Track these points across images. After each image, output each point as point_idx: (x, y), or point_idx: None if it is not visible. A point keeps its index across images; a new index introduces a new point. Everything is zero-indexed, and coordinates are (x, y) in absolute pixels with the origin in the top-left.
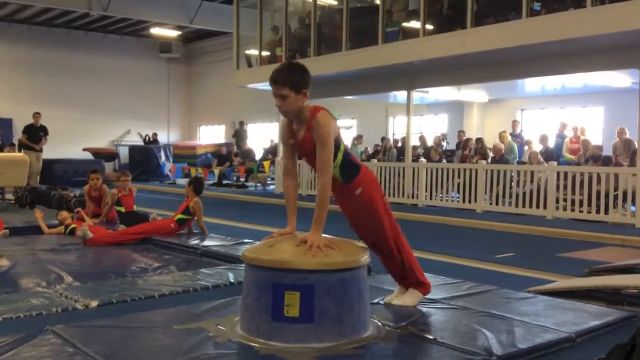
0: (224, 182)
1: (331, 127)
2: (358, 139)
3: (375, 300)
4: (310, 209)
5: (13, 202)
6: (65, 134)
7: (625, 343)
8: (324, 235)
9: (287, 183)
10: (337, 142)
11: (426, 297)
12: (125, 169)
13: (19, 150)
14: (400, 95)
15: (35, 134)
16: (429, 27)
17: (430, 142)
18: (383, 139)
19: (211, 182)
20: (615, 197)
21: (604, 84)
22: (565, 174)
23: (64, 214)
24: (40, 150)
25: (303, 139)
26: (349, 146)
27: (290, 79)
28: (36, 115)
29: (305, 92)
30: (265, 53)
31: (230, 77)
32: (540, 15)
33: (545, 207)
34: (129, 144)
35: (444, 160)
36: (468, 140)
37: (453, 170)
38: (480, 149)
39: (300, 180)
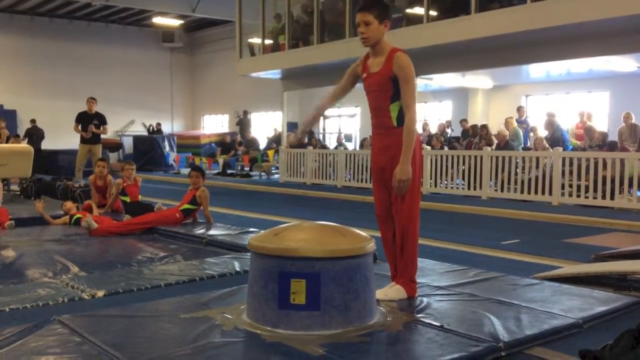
0: (228, 171)
1: (413, 67)
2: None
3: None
4: (314, 197)
5: (18, 193)
6: (69, 124)
7: (633, 329)
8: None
9: (333, 90)
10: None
11: (433, 284)
12: (130, 159)
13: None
14: None
15: (88, 123)
16: (433, 13)
17: (434, 129)
18: None
19: (215, 171)
20: (622, 182)
21: (610, 69)
22: (571, 159)
23: (69, 204)
24: (97, 142)
25: (379, 72)
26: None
27: (375, 7)
28: (90, 100)
29: (387, 24)
30: (268, 41)
31: (233, 65)
32: None
33: (550, 193)
34: (133, 134)
35: (446, 148)
36: (474, 126)
37: (458, 157)
38: (485, 136)
39: (305, 169)
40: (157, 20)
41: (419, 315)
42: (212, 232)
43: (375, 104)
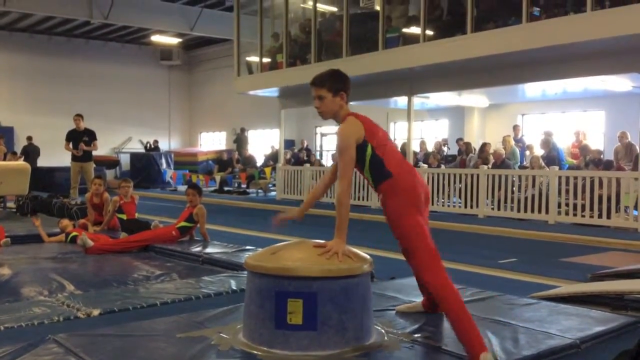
0: (225, 188)
1: (349, 136)
2: None
3: (379, 308)
4: (311, 215)
5: (14, 210)
6: None
7: (630, 349)
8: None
9: (323, 177)
10: (364, 144)
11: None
12: (127, 176)
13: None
14: (401, 100)
15: (79, 140)
16: (429, 32)
17: (430, 148)
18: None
19: (212, 188)
20: (618, 201)
21: (605, 88)
22: (567, 178)
23: (65, 221)
24: (88, 160)
25: None
26: None
27: (327, 80)
28: (76, 118)
29: (342, 95)
30: (265, 60)
31: (231, 83)
32: (540, 20)
33: (547, 212)
34: (130, 151)
35: (443, 166)
36: (467, 144)
37: (454, 176)
38: (482, 154)
39: (302, 187)
40: (156, 38)
41: (416, 336)
42: (208, 250)
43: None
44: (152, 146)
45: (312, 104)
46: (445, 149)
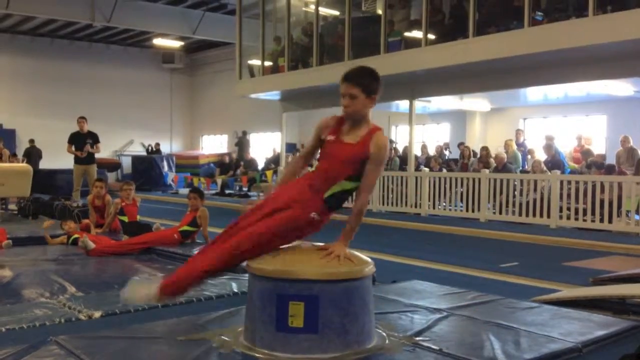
0: (227, 191)
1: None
2: None
3: (380, 311)
4: None
5: (16, 212)
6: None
7: (632, 353)
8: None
9: (297, 162)
10: None
11: (431, 306)
12: (128, 179)
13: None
14: (403, 104)
15: (82, 142)
16: (431, 36)
17: (432, 152)
18: (390, 142)
19: (214, 191)
20: (620, 205)
21: (607, 93)
22: (569, 182)
23: (72, 224)
24: (91, 162)
25: (354, 145)
26: None
27: (364, 80)
28: (80, 120)
29: (374, 98)
30: (267, 63)
31: (232, 87)
32: (542, 24)
33: (549, 216)
34: (131, 154)
35: (444, 170)
36: (467, 147)
37: (456, 179)
38: (483, 158)
39: None
40: (158, 41)
41: (417, 339)
42: None
43: (329, 169)
44: (154, 149)
45: (312, 106)
46: (446, 153)
